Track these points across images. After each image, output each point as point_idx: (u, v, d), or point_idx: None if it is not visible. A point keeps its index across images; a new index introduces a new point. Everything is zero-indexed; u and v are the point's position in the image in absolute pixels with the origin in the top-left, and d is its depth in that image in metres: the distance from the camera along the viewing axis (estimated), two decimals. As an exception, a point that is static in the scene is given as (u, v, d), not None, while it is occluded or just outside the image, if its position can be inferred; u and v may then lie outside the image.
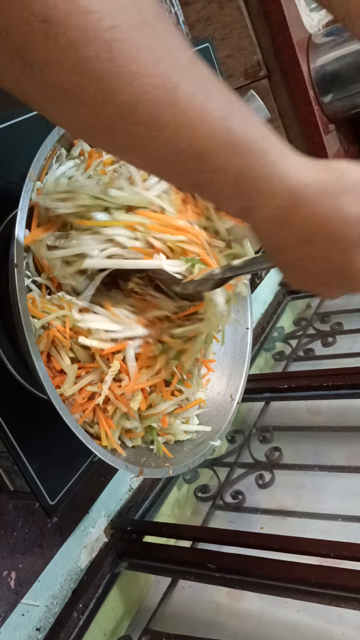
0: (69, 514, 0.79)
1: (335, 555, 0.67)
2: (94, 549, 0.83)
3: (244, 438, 1.02)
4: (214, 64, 0.95)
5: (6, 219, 0.58)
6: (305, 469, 0.93)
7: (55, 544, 0.76)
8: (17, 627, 0.71)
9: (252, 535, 0.76)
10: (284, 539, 0.72)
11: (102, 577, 0.80)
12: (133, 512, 0.88)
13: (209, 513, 0.90)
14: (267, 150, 0.35)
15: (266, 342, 1.27)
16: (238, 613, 0.76)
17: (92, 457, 0.67)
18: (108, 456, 0.54)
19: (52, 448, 0.63)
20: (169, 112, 0.31)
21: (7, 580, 0.69)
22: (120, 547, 0.83)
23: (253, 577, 0.70)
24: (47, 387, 0.49)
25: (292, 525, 0.85)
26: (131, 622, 0.82)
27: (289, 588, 0.68)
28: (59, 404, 0.49)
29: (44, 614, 0.74)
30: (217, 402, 0.72)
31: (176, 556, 0.78)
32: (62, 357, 0.55)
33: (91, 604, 0.77)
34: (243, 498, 0.90)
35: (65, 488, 0.64)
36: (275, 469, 0.93)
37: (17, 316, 0.47)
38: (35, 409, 0.60)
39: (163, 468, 0.61)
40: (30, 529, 0.72)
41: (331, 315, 1.28)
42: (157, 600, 0.78)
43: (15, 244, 0.48)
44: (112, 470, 0.84)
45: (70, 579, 0.79)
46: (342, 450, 0.95)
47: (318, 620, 0.71)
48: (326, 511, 0.84)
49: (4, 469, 0.63)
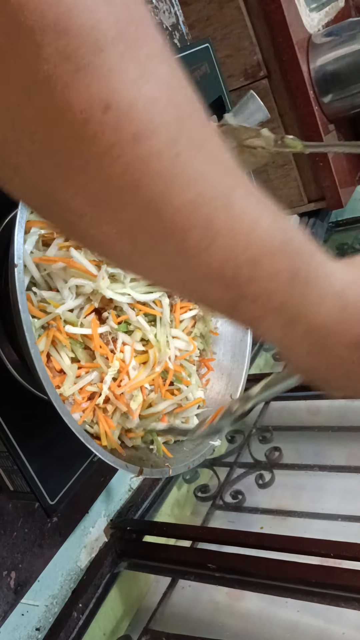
0: (68, 514, 0.79)
1: (335, 555, 0.67)
2: (93, 548, 0.83)
3: (243, 438, 1.02)
4: (214, 64, 0.95)
5: (6, 219, 0.58)
6: (305, 468, 0.93)
7: (55, 544, 0.76)
8: (17, 627, 0.71)
9: (252, 535, 0.76)
10: (284, 539, 0.72)
11: (102, 577, 0.80)
12: (133, 512, 0.89)
13: (209, 513, 0.90)
14: (315, 252, 0.34)
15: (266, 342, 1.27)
16: (238, 613, 0.76)
17: (92, 457, 0.67)
18: (108, 456, 0.54)
19: (52, 448, 0.63)
20: (224, 218, 0.28)
21: (7, 580, 0.69)
22: (120, 547, 0.83)
23: (253, 577, 0.70)
24: (47, 387, 0.49)
25: (292, 525, 0.85)
26: (131, 622, 0.82)
27: (289, 588, 0.68)
28: (59, 404, 0.49)
29: (44, 613, 0.74)
30: (217, 402, 0.72)
31: (176, 556, 0.78)
32: (62, 357, 0.55)
33: (91, 604, 0.77)
34: (243, 498, 0.90)
35: (65, 488, 0.64)
36: (275, 469, 0.93)
37: (17, 316, 0.47)
38: (35, 409, 0.60)
39: (163, 468, 0.61)
40: (30, 529, 0.72)
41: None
42: (156, 600, 0.78)
43: (15, 244, 0.48)
44: (112, 470, 0.84)
45: (70, 579, 0.79)
46: (342, 450, 0.95)
47: (318, 620, 0.71)
48: (326, 511, 0.84)
49: (4, 469, 0.63)
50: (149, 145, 0.24)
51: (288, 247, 0.32)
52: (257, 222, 0.30)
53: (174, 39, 1.01)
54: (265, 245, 0.30)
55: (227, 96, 0.98)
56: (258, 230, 0.30)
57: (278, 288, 0.32)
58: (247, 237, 0.30)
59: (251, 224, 0.30)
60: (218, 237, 0.29)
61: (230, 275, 0.31)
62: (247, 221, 0.29)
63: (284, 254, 0.31)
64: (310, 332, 0.35)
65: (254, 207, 0.30)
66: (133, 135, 0.24)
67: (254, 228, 0.30)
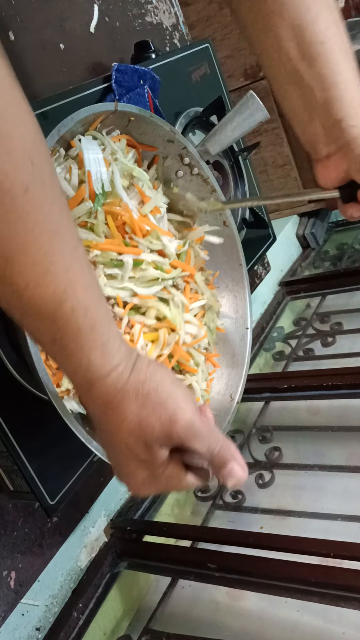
0: (68, 514, 0.79)
1: (335, 555, 0.67)
2: (93, 548, 0.83)
3: (243, 438, 1.02)
4: (214, 64, 0.95)
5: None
6: (305, 468, 0.93)
7: (55, 544, 0.76)
8: (17, 626, 0.71)
9: (252, 534, 0.76)
10: (283, 539, 0.72)
11: (102, 577, 0.80)
12: (133, 512, 0.89)
13: (209, 513, 0.90)
14: (89, 337, 0.37)
15: (266, 342, 1.27)
16: (238, 613, 0.76)
17: (92, 457, 0.67)
18: (108, 456, 0.54)
19: (52, 448, 0.63)
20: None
21: (7, 580, 0.69)
22: (120, 546, 0.83)
23: (253, 576, 0.70)
24: (47, 387, 0.49)
25: (292, 525, 0.85)
26: (131, 621, 0.82)
27: (289, 588, 0.68)
28: (59, 404, 0.49)
29: (44, 613, 0.75)
30: (217, 401, 0.72)
31: (176, 556, 0.78)
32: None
33: (91, 604, 0.77)
34: (243, 498, 0.90)
35: (65, 488, 0.64)
36: (275, 469, 0.93)
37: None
38: (35, 409, 0.60)
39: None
40: (30, 529, 0.72)
41: (331, 315, 1.29)
42: (157, 599, 0.78)
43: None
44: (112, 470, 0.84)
45: (70, 579, 0.79)
46: (342, 450, 0.95)
47: (318, 620, 0.71)
48: (326, 511, 0.84)
49: (4, 469, 0.63)
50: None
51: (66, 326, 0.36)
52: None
53: (174, 39, 1.01)
54: (59, 305, 0.35)
55: (227, 96, 0.98)
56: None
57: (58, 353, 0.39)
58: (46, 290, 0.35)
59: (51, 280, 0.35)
60: (26, 290, 0.34)
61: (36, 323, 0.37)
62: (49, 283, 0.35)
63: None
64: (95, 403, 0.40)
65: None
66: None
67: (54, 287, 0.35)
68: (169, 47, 0.99)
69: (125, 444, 0.39)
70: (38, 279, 0.33)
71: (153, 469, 0.40)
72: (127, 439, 0.39)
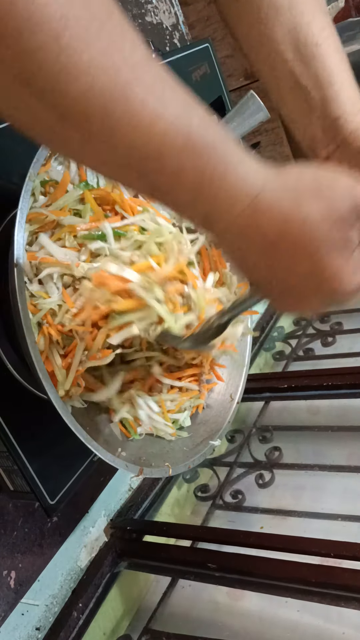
0: (68, 514, 0.79)
1: (335, 555, 0.67)
2: (93, 548, 0.83)
3: (243, 438, 1.02)
4: (214, 64, 0.95)
5: (6, 219, 0.58)
6: (305, 468, 0.93)
7: (55, 544, 0.76)
8: (17, 626, 0.71)
9: (252, 534, 0.76)
10: (284, 539, 0.72)
11: (102, 577, 0.80)
12: (133, 512, 0.89)
13: (209, 512, 0.90)
14: (226, 154, 0.33)
15: (266, 341, 1.27)
16: (238, 612, 0.76)
17: (92, 457, 0.67)
18: (108, 456, 0.54)
19: (52, 448, 0.63)
20: (122, 109, 0.30)
21: (7, 579, 0.69)
22: (120, 546, 0.83)
23: (253, 576, 0.70)
24: (47, 387, 0.49)
25: (292, 525, 0.85)
26: (131, 621, 0.82)
27: (289, 588, 0.68)
28: (59, 404, 0.49)
29: (44, 613, 0.75)
30: (217, 401, 0.72)
31: (176, 556, 0.78)
32: (54, 357, 0.55)
33: (91, 604, 0.77)
34: (243, 498, 0.90)
35: (65, 488, 0.64)
36: (275, 469, 0.93)
37: (17, 316, 0.47)
38: (35, 409, 0.60)
39: (163, 467, 0.61)
40: (30, 529, 0.72)
41: (331, 315, 1.29)
42: (157, 599, 0.78)
43: (15, 244, 0.48)
44: (112, 469, 0.84)
45: (70, 579, 0.79)
46: (342, 450, 0.95)
47: (318, 620, 0.71)
48: (326, 511, 0.84)
49: (4, 468, 0.63)
50: (33, 40, 0.27)
51: (195, 144, 0.32)
52: (159, 115, 0.31)
53: (174, 39, 1.01)
54: (167, 141, 0.31)
55: (227, 96, 0.98)
56: (160, 125, 0.31)
57: (186, 184, 0.33)
58: (148, 130, 0.31)
59: (152, 118, 0.30)
60: (118, 128, 0.30)
61: (137, 166, 0.32)
62: (147, 114, 0.30)
63: (188, 151, 0.32)
64: (229, 230, 0.35)
65: (157, 99, 0.31)
66: (17, 30, 0.26)
67: (155, 122, 0.31)
68: (169, 47, 0.99)
69: (317, 238, 0.34)
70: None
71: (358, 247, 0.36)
72: (317, 231, 0.34)
